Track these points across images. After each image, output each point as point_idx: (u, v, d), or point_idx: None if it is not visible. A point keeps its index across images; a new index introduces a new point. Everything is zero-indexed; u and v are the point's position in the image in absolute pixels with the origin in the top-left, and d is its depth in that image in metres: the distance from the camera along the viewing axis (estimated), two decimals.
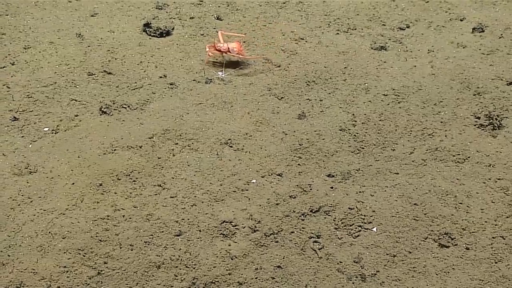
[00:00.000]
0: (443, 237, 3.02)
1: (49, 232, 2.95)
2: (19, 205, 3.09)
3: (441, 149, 3.56)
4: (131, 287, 2.76)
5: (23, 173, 3.28)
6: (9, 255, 2.84)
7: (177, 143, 3.55)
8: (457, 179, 3.36)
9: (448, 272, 2.88)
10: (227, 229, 3.05)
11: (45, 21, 4.56)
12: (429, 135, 3.67)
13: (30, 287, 2.72)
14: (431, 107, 3.89)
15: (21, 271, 2.77)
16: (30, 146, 3.47)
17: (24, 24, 4.51)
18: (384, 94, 4.00)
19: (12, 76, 3.99)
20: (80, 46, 4.31)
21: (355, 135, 3.66)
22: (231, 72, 4.15)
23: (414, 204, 3.20)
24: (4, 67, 4.07)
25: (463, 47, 4.46)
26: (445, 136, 3.66)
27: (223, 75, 4.07)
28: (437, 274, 2.87)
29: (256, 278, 2.85)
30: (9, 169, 3.30)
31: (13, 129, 3.59)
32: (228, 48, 4.13)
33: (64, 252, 2.87)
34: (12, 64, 4.10)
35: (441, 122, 3.77)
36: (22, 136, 3.54)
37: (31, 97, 3.83)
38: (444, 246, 2.99)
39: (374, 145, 3.60)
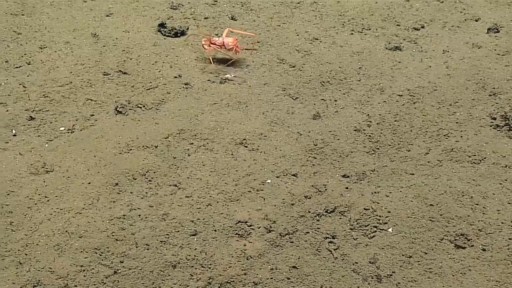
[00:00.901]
0: (459, 238, 3.01)
1: (66, 231, 2.97)
2: (36, 204, 3.11)
3: (457, 149, 3.55)
4: (147, 287, 2.77)
5: (40, 172, 3.30)
6: (26, 254, 2.85)
7: (192, 143, 3.55)
8: (473, 180, 3.35)
9: (465, 273, 2.87)
10: (242, 229, 3.06)
11: (61, 21, 4.58)
12: (444, 135, 3.66)
13: (47, 286, 2.74)
14: (447, 107, 3.88)
15: (38, 270, 2.79)
16: (47, 145, 3.49)
17: (39, 23, 4.53)
18: (399, 95, 3.99)
19: (28, 76, 4.01)
20: (95, 46, 4.33)
21: (370, 136, 3.66)
22: (240, 73, 4.16)
23: (430, 204, 3.19)
24: (20, 66, 4.09)
25: (478, 48, 4.44)
26: (461, 136, 3.65)
27: (232, 76, 4.07)
28: (453, 275, 2.86)
29: (272, 278, 2.85)
30: (25, 168, 3.32)
31: (30, 129, 3.61)
32: (223, 43, 4.13)
33: (81, 251, 2.88)
34: (28, 64, 4.12)
35: (457, 122, 3.76)
36: (39, 136, 3.56)
37: (47, 96, 3.85)
38: (460, 247, 2.99)
39: (389, 145, 3.60)
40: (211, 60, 4.20)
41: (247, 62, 4.26)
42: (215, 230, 3.04)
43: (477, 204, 3.19)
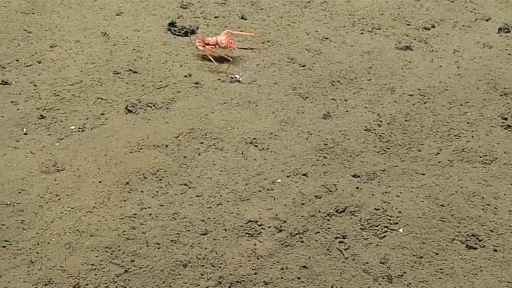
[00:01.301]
0: (471, 238, 3.00)
1: (77, 230, 2.97)
2: (47, 202, 3.12)
3: (468, 150, 3.53)
4: (158, 286, 2.78)
5: (51, 171, 3.31)
6: (37, 253, 2.86)
7: (202, 142, 3.56)
8: (484, 180, 3.34)
9: (476, 274, 2.86)
10: (253, 228, 3.06)
11: (71, 20, 4.59)
12: (455, 136, 3.65)
13: (58, 285, 2.74)
14: (457, 107, 3.86)
15: (50, 269, 2.80)
16: (57, 144, 3.50)
17: (50, 22, 4.54)
18: (409, 94, 3.98)
19: (38, 75, 4.02)
20: (105, 45, 4.33)
21: (380, 136, 3.65)
22: (250, 72, 4.16)
23: (441, 205, 3.18)
24: (31, 65, 4.10)
25: (489, 48, 4.42)
26: (472, 137, 3.64)
27: (240, 78, 4.07)
28: (464, 276, 2.85)
29: (282, 278, 2.85)
30: (37, 166, 3.32)
31: (40, 127, 3.62)
32: (217, 41, 4.13)
33: (92, 250, 2.89)
34: (39, 63, 4.13)
35: (468, 123, 3.74)
36: (49, 134, 3.57)
37: (57, 95, 3.86)
38: (472, 248, 2.98)
39: (400, 145, 3.59)
40: (211, 58, 4.19)
41: (256, 61, 4.26)
42: (226, 230, 3.04)
43: (488, 205, 3.18)
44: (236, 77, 4.07)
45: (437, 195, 3.24)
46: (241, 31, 4.43)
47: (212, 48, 4.17)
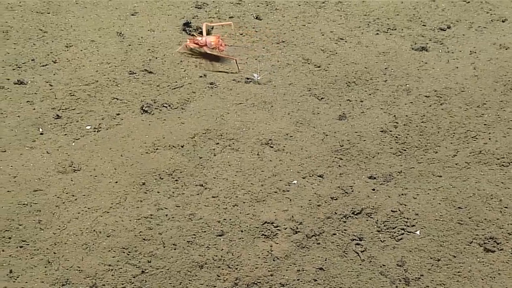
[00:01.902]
0: (488, 241, 2.98)
1: (94, 230, 2.98)
2: (63, 203, 3.12)
3: (485, 152, 3.51)
4: (175, 287, 2.77)
5: (67, 171, 3.31)
6: (54, 253, 2.87)
7: (218, 143, 3.55)
8: (502, 182, 3.31)
9: (494, 277, 2.84)
10: (269, 230, 3.05)
11: (86, 20, 4.59)
12: (472, 137, 3.63)
13: (75, 285, 2.75)
14: (474, 109, 3.84)
15: (67, 269, 2.80)
16: (73, 144, 3.50)
17: (65, 22, 4.55)
18: (425, 96, 3.96)
19: (54, 74, 4.03)
20: (121, 45, 4.34)
21: (396, 137, 3.63)
22: (265, 73, 4.15)
23: (458, 207, 3.17)
24: (46, 65, 4.11)
25: (506, 49, 4.39)
26: (489, 139, 3.61)
27: (258, 78, 4.06)
28: (482, 279, 2.83)
29: (298, 279, 2.84)
30: (53, 166, 3.33)
31: (56, 127, 3.62)
32: (206, 42, 4.16)
33: (109, 251, 2.89)
34: (54, 62, 4.14)
35: (485, 124, 3.72)
36: (65, 134, 3.58)
37: (73, 95, 3.86)
38: (490, 251, 2.96)
39: (416, 147, 3.57)
40: (207, 52, 4.21)
41: (272, 62, 4.25)
42: (242, 231, 3.04)
43: (506, 207, 3.16)
44: (253, 77, 4.07)
45: (454, 198, 3.22)
46: (221, 23, 4.49)
47: (201, 47, 4.23)
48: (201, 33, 4.47)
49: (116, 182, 3.25)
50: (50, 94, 3.86)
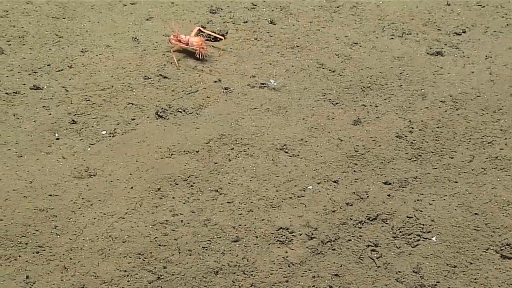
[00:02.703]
0: (505, 248, 2.96)
1: (110, 236, 2.99)
2: (79, 208, 3.13)
3: (502, 157, 3.49)
4: None
5: (83, 176, 3.33)
6: (71, 258, 2.88)
7: (233, 148, 3.55)
8: None
9: (511, 284, 2.82)
10: (284, 235, 3.05)
11: (102, 25, 4.62)
12: (488, 143, 3.61)
13: None
14: (490, 114, 3.82)
15: (83, 275, 2.81)
16: (89, 149, 3.52)
17: (81, 27, 4.57)
18: (441, 101, 3.94)
19: (70, 79, 4.05)
20: (136, 50, 4.35)
21: (412, 142, 3.62)
22: (282, 80, 4.15)
23: (475, 213, 3.15)
24: (62, 70, 4.13)
25: None
26: (505, 144, 3.59)
27: (275, 83, 4.06)
28: (499, 286, 2.81)
29: (314, 286, 2.84)
30: (69, 172, 3.35)
31: (72, 132, 3.64)
32: (188, 41, 4.21)
33: (125, 256, 2.90)
34: (70, 67, 4.16)
35: (501, 130, 3.70)
36: (81, 139, 3.59)
37: (88, 100, 3.88)
38: (507, 258, 2.94)
39: (432, 152, 3.55)
40: (174, 59, 4.23)
41: (286, 67, 4.25)
42: (257, 237, 3.04)
43: None
44: (270, 83, 4.06)
45: (470, 204, 3.21)
46: (214, 32, 4.45)
47: (183, 46, 4.27)
48: (215, 38, 4.47)
49: (132, 188, 3.26)
50: (66, 99, 3.88)
